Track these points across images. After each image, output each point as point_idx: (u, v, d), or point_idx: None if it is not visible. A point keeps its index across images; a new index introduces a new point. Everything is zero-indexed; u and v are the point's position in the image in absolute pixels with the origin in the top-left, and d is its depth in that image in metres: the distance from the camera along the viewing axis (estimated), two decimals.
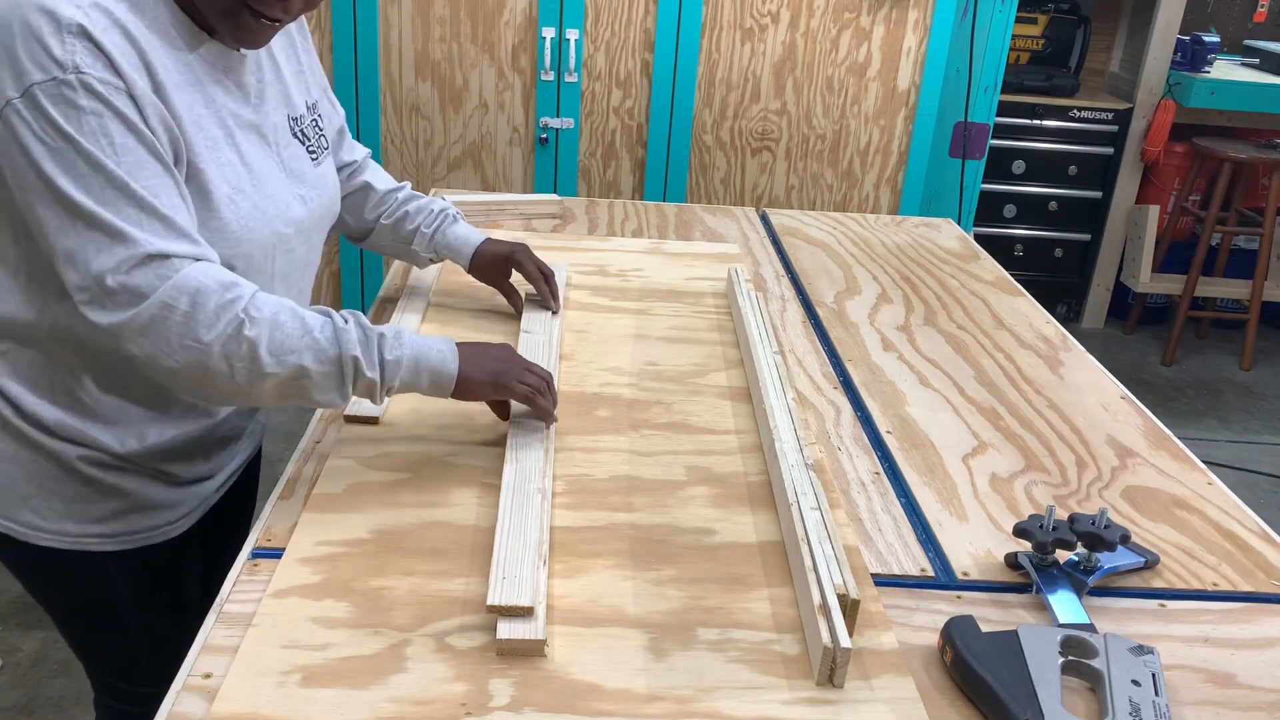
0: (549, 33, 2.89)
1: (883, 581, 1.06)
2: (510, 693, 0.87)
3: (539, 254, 1.57)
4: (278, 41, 1.24)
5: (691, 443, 1.28)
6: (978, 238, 2.92)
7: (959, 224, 2.42)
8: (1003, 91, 3.45)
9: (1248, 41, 4.48)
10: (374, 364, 1.08)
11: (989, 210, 4.16)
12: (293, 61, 1.28)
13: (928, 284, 1.89)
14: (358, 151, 1.49)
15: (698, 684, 0.90)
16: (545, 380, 1.22)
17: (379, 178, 1.51)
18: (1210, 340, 4.47)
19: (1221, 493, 1.29)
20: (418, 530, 1.07)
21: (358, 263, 3.14)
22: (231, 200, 1.10)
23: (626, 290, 1.74)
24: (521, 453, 1.18)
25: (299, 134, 1.25)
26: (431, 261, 1.56)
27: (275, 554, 1.02)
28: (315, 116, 1.31)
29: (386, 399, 1.20)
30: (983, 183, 3.27)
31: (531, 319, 1.53)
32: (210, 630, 0.92)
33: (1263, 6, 4.47)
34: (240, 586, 0.98)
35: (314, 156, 1.27)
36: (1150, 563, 1.11)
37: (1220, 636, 1.02)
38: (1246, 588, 1.10)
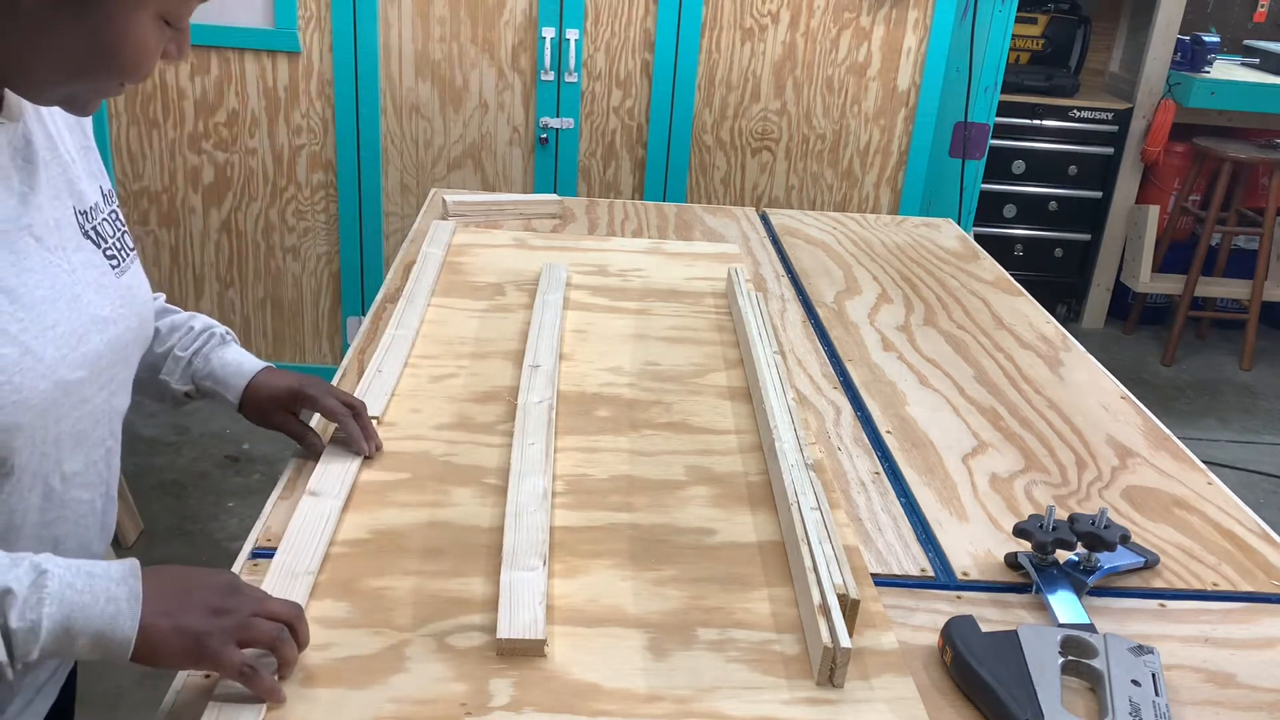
0: (549, 33, 2.89)
1: (883, 581, 1.06)
2: (510, 693, 0.87)
3: (539, 254, 1.54)
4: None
5: (691, 443, 1.28)
6: (978, 238, 2.92)
7: (959, 224, 2.42)
8: (1003, 91, 3.45)
9: (1248, 41, 4.48)
10: None
11: (989, 210, 4.16)
12: (76, 134, 0.96)
13: (928, 284, 1.89)
14: None
15: (698, 684, 0.89)
16: (292, 619, 0.85)
17: None
18: (1210, 340, 4.47)
19: (1221, 493, 1.29)
20: (418, 530, 1.07)
21: (357, 263, 3.14)
22: None
23: (626, 290, 1.74)
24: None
25: (91, 233, 0.93)
26: (188, 398, 1.16)
27: (275, 553, 1.02)
28: (113, 208, 0.98)
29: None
30: (983, 183, 3.27)
31: None
32: None
33: (1263, 6, 4.47)
34: None
35: (115, 263, 0.95)
36: (1150, 563, 1.11)
37: (1220, 636, 1.02)
38: (1246, 588, 1.10)
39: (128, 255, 0.97)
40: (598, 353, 1.50)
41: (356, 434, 1.17)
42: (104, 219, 0.95)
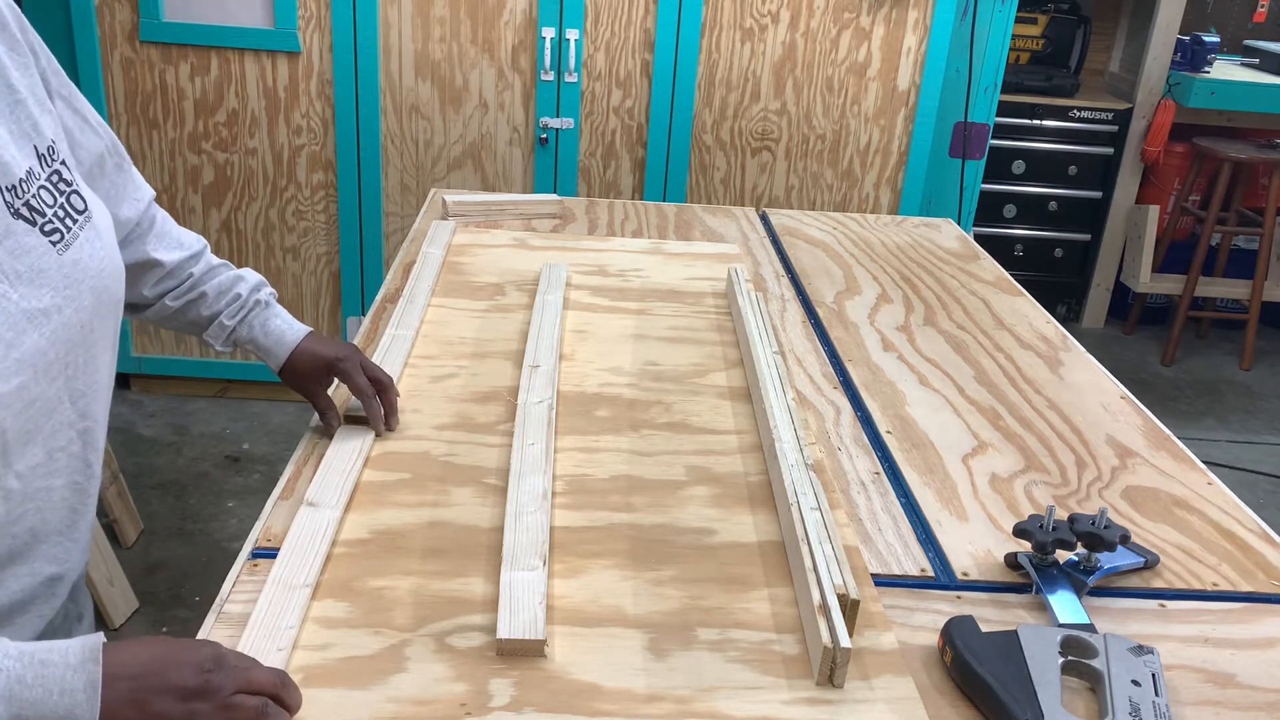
0: (549, 33, 2.89)
1: (883, 581, 1.06)
2: (510, 693, 0.87)
3: (539, 254, 1.54)
4: None
5: (691, 443, 1.28)
6: (978, 238, 2.92)
7: (959, 224, 2.42)
8: (1003, 91, 3.45)
9: (1248, 41, 4.48)
10: None
11: (989, 210, 4.16)
12: (2, 94, 0.85)
13: (928, 284, 1.89)
14: (138, 197, 1.07)
15: (698, 684, 0.90)
16: (277, 683, 0.79)
17: (166, 244, 1.13)
18: (1210, 340, 4.47)
19: (1221, 493, 1.29)
20: (418, 530, 1.07)
21: (358, 262, 3.14)
22: None
23: (626, 290, 1.74)
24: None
25: (24, 210, 0.83)
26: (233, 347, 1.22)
27: (275, 554, 1.02)
28: (56, 167, 0.87)
29: None
30: (983, 183, 3.27)
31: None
32: (210, 630, 0.92)
33: (1263, 6, 4.47)
34: (240, 586, 0.98)
35: (57, 237, 0.85)
36: (1150, 563, 1.11)
37: (1220, 636, 1.02)
38: (1246, 588, 1.10)
39: (75, 220, 0.87)
40: (597, 353, 1.50)
41: (375, 414, 1.22)
42: (42, 186, 0.84)
